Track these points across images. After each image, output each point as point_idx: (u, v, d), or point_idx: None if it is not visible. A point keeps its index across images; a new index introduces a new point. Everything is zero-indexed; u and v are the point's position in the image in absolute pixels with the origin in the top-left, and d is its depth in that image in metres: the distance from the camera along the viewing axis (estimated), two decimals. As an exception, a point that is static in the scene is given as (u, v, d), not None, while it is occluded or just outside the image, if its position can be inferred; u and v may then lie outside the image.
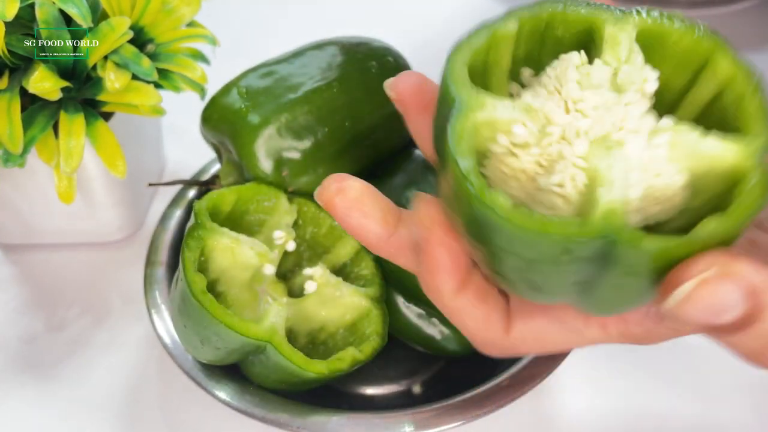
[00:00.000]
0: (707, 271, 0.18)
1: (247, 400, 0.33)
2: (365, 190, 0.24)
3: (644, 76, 0.22)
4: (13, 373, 0.41)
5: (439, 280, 0.23)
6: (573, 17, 0.22)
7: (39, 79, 0.35)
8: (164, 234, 0.41)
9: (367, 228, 0.24)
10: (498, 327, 0.24)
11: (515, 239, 0.19)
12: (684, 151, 0.20)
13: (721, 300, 0.18)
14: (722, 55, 0.22)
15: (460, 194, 0.20)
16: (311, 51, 0.41)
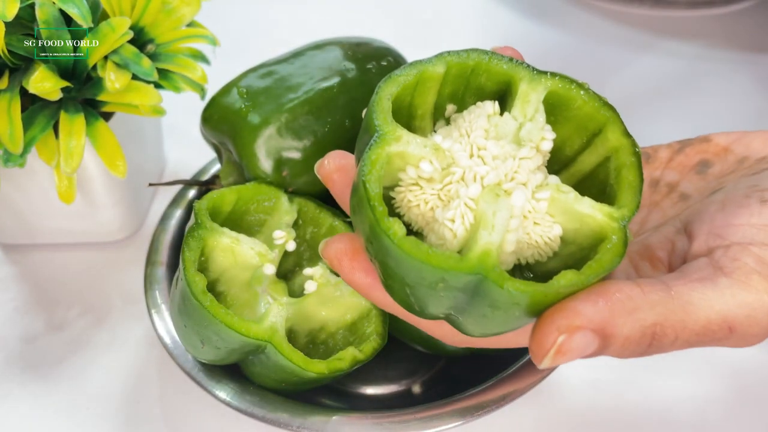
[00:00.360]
0: (559, 338, 0.22)
1: (247, 400, 0.33)
2: None
3: (543, 135, 0.24)
4: (13, 372, 0.41)
5: (375, 297, 0.26)
6: (495, 69, 0.25)
7: (39, 79, 0.35)
8: (164, 234, 0.41)
9: None
10: (448, 328, 0.26)
11: (404, 263, 0.22)
12: (561, 207, 0.23)
13: (578, 348, 0.22)
14: (614, 127, 0.24)
15: (366, 216, 0.22)
16: (311, 51, 0.41)
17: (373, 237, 0.23)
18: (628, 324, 0.22)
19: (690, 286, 0.23)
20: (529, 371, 0.34)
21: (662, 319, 0.23)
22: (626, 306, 0.22)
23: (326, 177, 0.27)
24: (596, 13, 0.71)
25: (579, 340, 0.22)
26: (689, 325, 0.23)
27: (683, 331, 0.23)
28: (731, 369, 0.40)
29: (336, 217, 0.37)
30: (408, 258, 0.22)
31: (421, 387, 0.40)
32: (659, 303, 0.23)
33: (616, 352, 0.23)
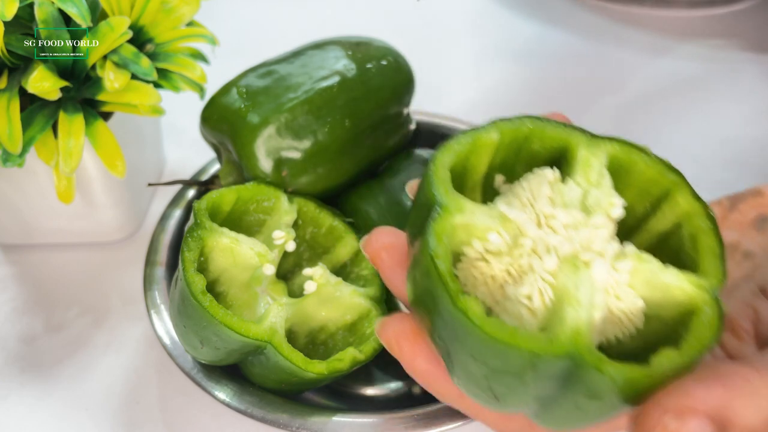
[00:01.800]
0: (670, 423, 0.19)
1: (247, 400, 0.33)
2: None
3: (612, 201, 0.23)
4: (12, 373, 0.41)
5: (439, 387, 0.24)
6: (550, 135, 0.24)
7: (38, 78, 0.35)
8: (164, 234, 0.41)
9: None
10: (520, 423, 0.24)
11: (484, 347, 0.20)
12: (644, 278, 0.21)
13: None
14: (683, 190, 0.23)
15: (435, 295, 0.20)
16: (311, 51, 0.41)
17: (444, 319, 0.20)
18: (749, 409, 0.20)
19: None
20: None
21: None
22: (744, 389, 0.20)
23: (374, 255, 0.25)
24: (597, 13, 0.71)
25: (693, 425, 0.19)
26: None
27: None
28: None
29: (336, 217, 0.37)
30: (491, 341, 0.19)
31: (421, 387, 0.40)
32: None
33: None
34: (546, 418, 0.22)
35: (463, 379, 0.22)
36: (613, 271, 0.21)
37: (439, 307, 0.20)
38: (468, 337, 0.20)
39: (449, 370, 0.22)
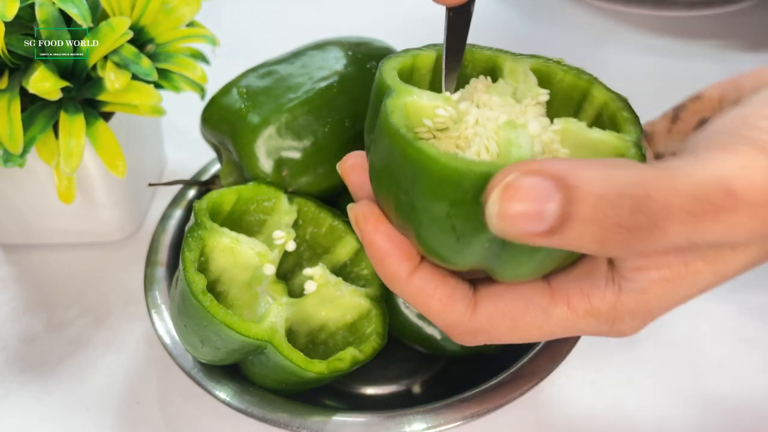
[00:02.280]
0: (509, 176, 0.19)
1: (247, 400, 0.33)
2: None
3: (538, 90, 0.27)
4: (13, 372, 0.41)
5: (388, 265, 0.25)
6: (479, 56, 0.28)
7: (39, 79, 0.35)
8: (164, 234, 0.41)
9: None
10: (462, 305, 0.25)
11: (443, 179, 0.21)
12: (574, 137, 0.24)
13: (531, 191, 0.19)
14: (598, 86, 0.27)
15: (393, 153, 0.23)
16: (311, 51, 0.41)
17: (404, 171, 0.23)
18: (598, 178, 0.19)
19: (678, 160, 0.20)
20: (529, 372, 0.34)
21: (646, 180, 0.19)
22: (599, 162, 0.19)
23: (345, 173, 0.28)
24: (596, 12, 0.71)
25: (532, 181, 0.19)
26: (682, 188, 0.19)
27: (675, 196, 0.19)
28: (732, 371, 0.40)
29: (336, 217, 0.37)
30: (448, 170, 0.21)
31: (421, 387, 0.40)
32: (639, 166, 0.19)
33: (589, 231, 0.19)
34: (504, 259, 0.23)
35: (426, 227, 0.23)
36: (546, 132, 0.24)
37: (399, 160, 0.23)
38: (428, 175, 0.22)
39: (415, 227, 0.24)
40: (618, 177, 0.19)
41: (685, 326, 0.42)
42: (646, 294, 0.24)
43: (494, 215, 0.19)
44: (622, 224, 0.19)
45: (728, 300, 0.43)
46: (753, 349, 0.41)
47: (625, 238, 0.19)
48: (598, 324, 0.24)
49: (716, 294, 0.43)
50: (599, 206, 0.19)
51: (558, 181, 0.19)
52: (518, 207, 0.19)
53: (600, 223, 0.19)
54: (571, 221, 0.19)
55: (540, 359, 0.34)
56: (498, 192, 0.19)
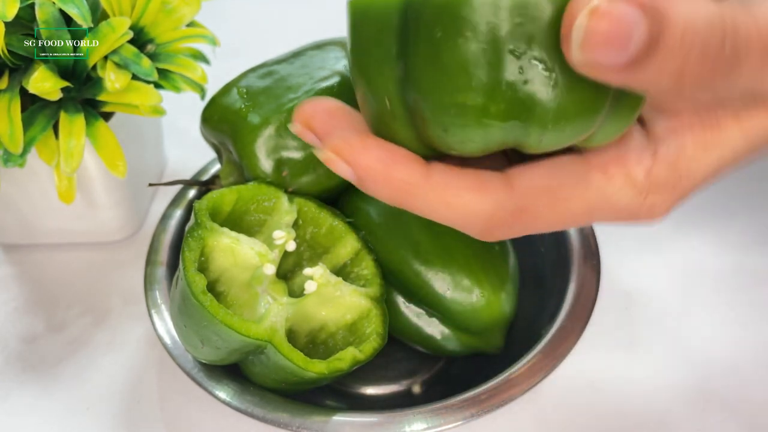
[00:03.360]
0: (594, 1, 0.18)
1: (247, 400, 0.33)
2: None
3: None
4: (13, 372, 0.41)
5: (397, 175, 0.21)
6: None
7: (39, 79, 0.35)
8: (164, 234, 0.41)
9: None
10: (497, 184, 0.22)
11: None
12: None
13: (618, 17, 0.17)
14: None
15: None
16: (311, 51, 0.41)
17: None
18: (687, 5, 0.18)
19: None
20: (529, 371, 0.34)
21: (734, 15, 0.18)
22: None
23: (308, 122, 0.23)
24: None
25: (619, 5, 0.17)
26: (762, 26, 0.18)
27: (756, 33, 0.18)
28: (731, 369, 0.40)
29: (336, 217, 0.37)
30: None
31: (421, 387, 0.40)
32: (727, 4, 0.18)
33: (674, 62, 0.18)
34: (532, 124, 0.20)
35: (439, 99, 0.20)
36: None
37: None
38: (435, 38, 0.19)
39: (428, 121, 0.20)
40: (706, 8, 0.18)
41: (686, 326, 0.42)
42: (679, 157, 0.23)
43: (577, 42, 0.18)
44: (708, 56, 0.18)
45: (730, 299, 0.43)
46: (755, 348, 0.41)
47: (707, 73, 0.19)
48: (633, 196, 0.23)
49: (719, 293, 0.43)
50: (687, 34, 0.18)
51: (646, 7, 0.18)
52: (604, 32, 0.18)
53: (686, 53, 0.18)
54: (658, 49, 0.18)
55: (540, 359, 0.34)
56: (585, 15, 0.18)
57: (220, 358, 0.33)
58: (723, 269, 0.45)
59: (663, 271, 0.45)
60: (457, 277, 0.35)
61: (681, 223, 0.48)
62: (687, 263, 0.46)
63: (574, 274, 0.38)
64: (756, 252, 0.46)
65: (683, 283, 0.44)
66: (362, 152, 0.21)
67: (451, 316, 0.36)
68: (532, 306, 0.39)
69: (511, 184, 0.23)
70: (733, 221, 0.48)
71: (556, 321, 0.36)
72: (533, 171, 0.23)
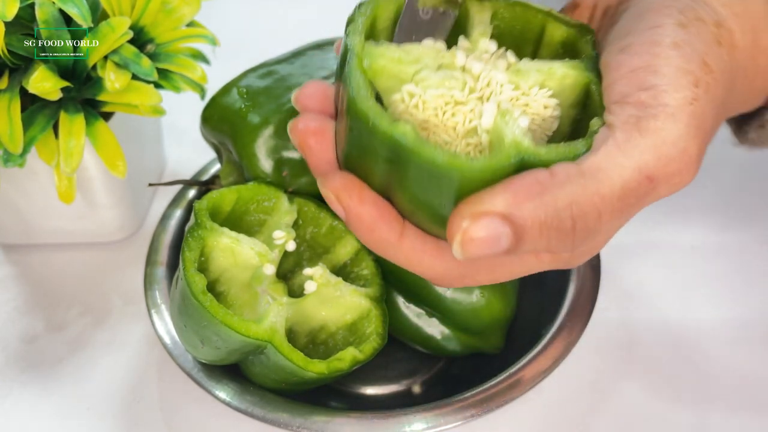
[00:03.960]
0: (464, 223, 0.22)
1: (248, 400, 0.33)
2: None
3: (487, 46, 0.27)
4: (13, 372, 0.41)
5: (379, 232, 0.25)
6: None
7: (39, 79, 0.35)
8: (164, 234, 0.41)
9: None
10: (449, 255, 0.26)
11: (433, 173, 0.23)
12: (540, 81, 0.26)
13: (487, 237, 0.22)
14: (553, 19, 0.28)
15: (368, 131, 0.23)
16: (311, 51, 0.41)
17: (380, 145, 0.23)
18: (538, 208, 0.22)
19: (597, 156, 0.23)
20: (529, 371, 0.34)
21: (577, 196, 0.22)
22: (532, 190, 0.22)
23: (301, 142, 0.27)
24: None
25: (485, 226, 0.22)
26: (607, 193, 0.23)
27: (603, 202, 0.23)
28: (731, 369, 0.40)
29: (336, 217, 0.37)
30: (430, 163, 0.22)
31: (421, 387, 0.40)
32: (568, 181, 0.22)
33: (540, 244, 0.23)
34: None
35: (413, 203, 0.25)
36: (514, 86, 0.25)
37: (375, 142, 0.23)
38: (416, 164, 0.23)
39: (404, 192, 0.25)
40: (554, 202, 0.22)
41: (685, 326, 0.42)
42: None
43: (459, 255, 0.23)
44: (566, 235, 0.23)
45: (730, 299, 0.43)
46: (754, 348, 0.41)
47: (570, 241, 0.23)
48: (557, 260, 0.27)
49: (717, 293, 0.43)
50: (544, 229, 0.23)
51: (505, 218, 0.22)
52: (477, 249, 0.23)
53: (547, 238, 0.23)
54: (524, 242, 0.23)
55: (540, 359, 0.34)
56: (458, 242, 0.23)
57: (220, 358, 0.33)
58: (723, 269, 0.45)
59: (663, 271, 0.45)
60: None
61: (681, 223, 0.48)
62: (687, 263, 0.46)
63: (574, 274, 0.38)
64: (756, 252, 0.46)
65: (683, 283, 0.44)
66: (358, 205, 0.25)
67: (451, 316, 0.36)
68: (532, 306, 0.39)
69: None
70: (734, 221, 0.48)
71: (556, 321, 0.36)
72: None
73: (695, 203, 0.49)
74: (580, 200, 0.22)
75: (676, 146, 0.23)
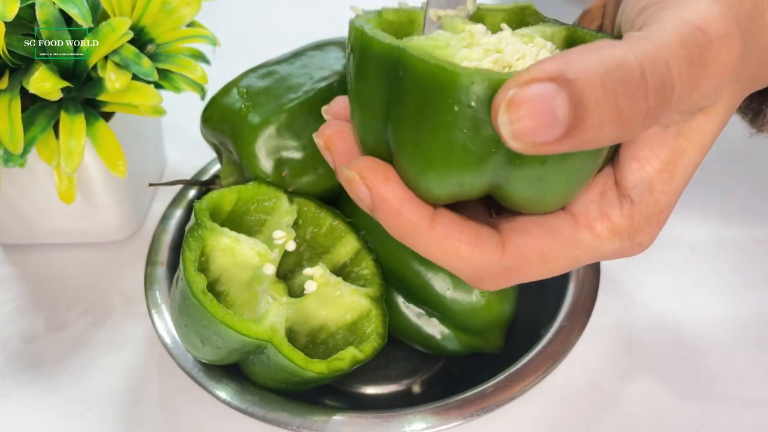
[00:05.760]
0: (509, 92, 0.19)
1: (248, 400, 0.33)
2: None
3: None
4: (14, 372, 0.41)
5: (406, 215, 0.23)
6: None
7: (39, 79, 0.35)
8: (164, 234, 0.41)
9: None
10: (492, 244, 0.24)
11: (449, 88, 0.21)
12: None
13: (535, 98, 0.18)
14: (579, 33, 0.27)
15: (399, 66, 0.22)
16: (311, 51, 0.41)
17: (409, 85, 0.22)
18: (594, 61, 0.19)
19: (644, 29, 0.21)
20: (529, 371, 0.34)
21: (636, 46, 0.19)
22: (585, 50, 0.19)
23: (329, 141, 0.26)
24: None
25: (533, 89, 0.18)
26: (667, 40, 0.20)
27: (666, 49, 0.20)
28: (731, 369, 0.40)
29: (336, 217, 0.37)
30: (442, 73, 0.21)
31: (421, 387, 0.40)
32: (628, 42, 0.20)
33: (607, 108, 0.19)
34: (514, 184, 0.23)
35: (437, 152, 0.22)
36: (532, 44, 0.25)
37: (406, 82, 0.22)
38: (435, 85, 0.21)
39: (425, 159, 0.22)
40: (612, 54, 0.19)
41: (685, 326, 0.42)
42: (653, 192, 0.24)
43: (509, 136, 0.19)
44: (635, 91, 0.19)
45: (730, 299, 0.43)
46: (754, 348, 0.41)
47: (643, 108, 0.19)
48: (621, 242, 0.25)
49: (717, 293, 0.43)
50: (607, 84, 0.18)
51: (556, 80, 0.18)
52: (529, 119, 0.18)
53: (614, 97, 0.19)
54: (585, 110, 0.18)
55: (540, 359, 0.34)
56: (504, 112, 0.19)
57: (220, 358, 0.33)
58: (723, 269, 0.45)
59: (662, 271, 0.45)
60: (457, 277, 0.35)
61: (680, 223, 0.48)
62: (687, 263, 0.46)
63: (574, 274, 0.38)
64: (756, 251, 0.46)
65: (683, 283, 0.44)
66: (384, 183, 0.23)
67: (451, 316, 0.36)
68: (532, 306, 0.39)
69: (504, 245, 0.24)
70: (733, 220, 0.48)
71: (556, 321, 0.36)
72: (525, 230, 0.24)
73: (695, 203, 0.49)
74: (641, 47, 0.19)
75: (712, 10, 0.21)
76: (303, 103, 0.38)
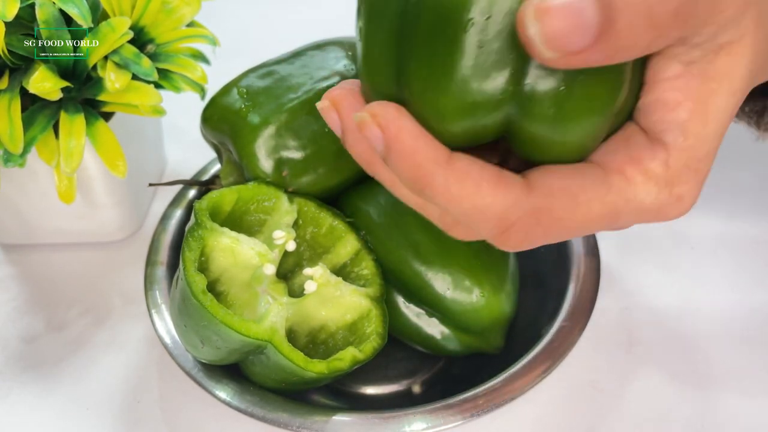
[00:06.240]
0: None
1: (248, 400, 0.33)
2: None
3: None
4: (13, 372, 0.41)
5: (423, 153, 0.21)
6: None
7: (39, 79, 0.35)
8: (164, 234, 0.41)
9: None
10: (517, 182, 0.22)
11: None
12: None
13: (563, 5, 0.17)
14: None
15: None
16: (311, 51, 0.41)
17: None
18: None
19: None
20: (528, 371, 0.34)
21: None
22: None
23: (336, 102, 0.24)
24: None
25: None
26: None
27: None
28: (732, 368, 0.40)
29: (336, 217, 0.37)
30: None
31: (421, 387, 0.40)
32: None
33: (635, 5, 0.18)
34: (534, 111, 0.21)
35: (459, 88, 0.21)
36: None
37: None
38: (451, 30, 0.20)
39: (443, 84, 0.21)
40: None
41: (686, 325, 0.42)
42: (687, 137, 0.22)
43: (541, 42, 0.18)
44: (669, 17, 0.18)
45: (731, 299, 0.43)
46: (754, 348, 0.41)
47: (672, 4, 0.18)
48: (659, 191, 0.23)
49: (718, 293, 0.43)
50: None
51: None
52: (560, 22, 0.18)
53: (646, 20, 0.18)
54: (615, 10, 0.18)
55: (540, 359, 0.34)
56: (532, 19, 0.18)
57: (220, 358, 0.33)
58: (723, 268, 0.45)
59: (663, 271, 0.45)
60: (457, 277, 0.35)
61: (681, 223, 0.48)
62: (687, 262, 0.46)
63: (574, 274, 0.38)
64: (757, 250, 0.46)
65: (683, 282, 0.44)
66: (397, 120, 0.21)
67: (451, 316, 0.36)
68: (532, 306, 0.39)
69: (529, 184, 0.22)
70: (734, 220, 0.48)
71: (556, 321, 0.36)
72: (552, 173, 0.23)
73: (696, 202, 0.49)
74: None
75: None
76: (303, 103, 0.38)
